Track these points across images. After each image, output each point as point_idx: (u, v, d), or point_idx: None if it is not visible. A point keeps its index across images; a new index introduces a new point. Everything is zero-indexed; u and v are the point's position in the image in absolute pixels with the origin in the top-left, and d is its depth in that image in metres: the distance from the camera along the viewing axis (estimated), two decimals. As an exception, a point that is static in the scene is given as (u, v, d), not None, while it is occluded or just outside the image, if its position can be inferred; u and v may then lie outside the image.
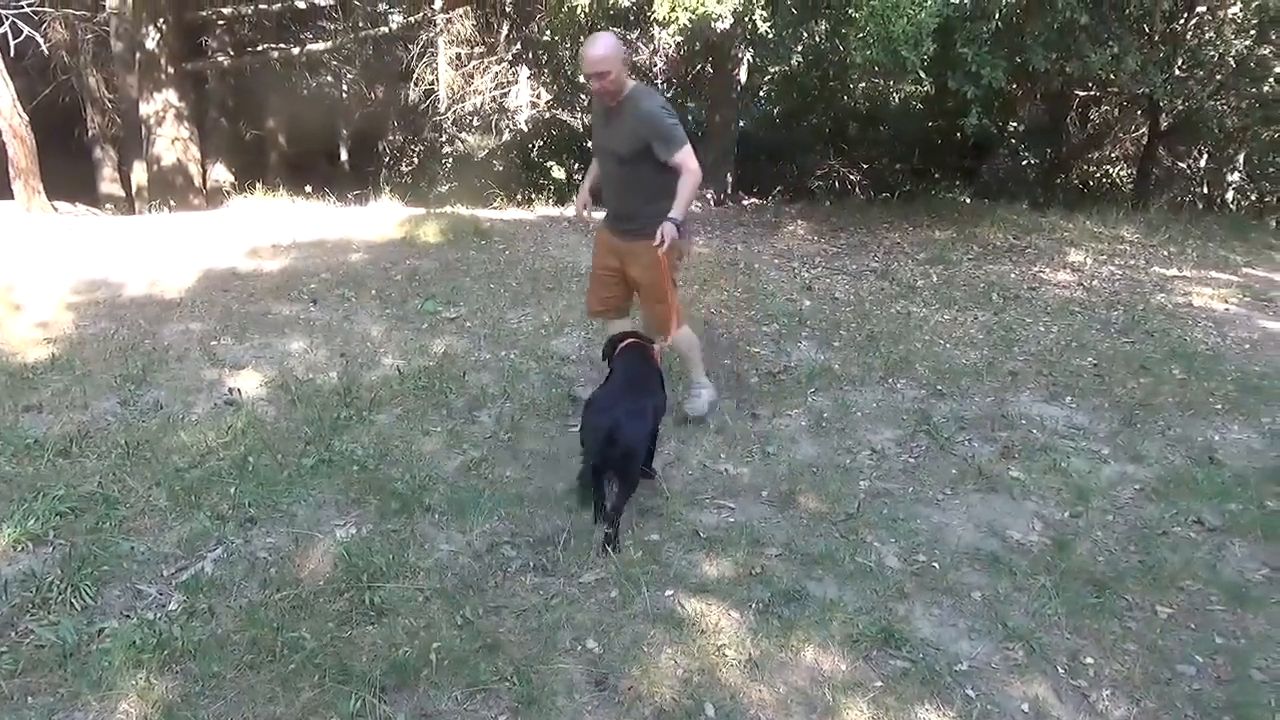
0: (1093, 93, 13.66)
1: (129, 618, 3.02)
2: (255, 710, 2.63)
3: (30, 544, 3.38)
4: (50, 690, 2.69)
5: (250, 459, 4.12)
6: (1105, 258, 8.59)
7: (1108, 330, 6.45)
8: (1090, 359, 5.83)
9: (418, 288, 6.70)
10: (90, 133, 14.24)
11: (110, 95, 13.84)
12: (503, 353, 5.58)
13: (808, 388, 5.24)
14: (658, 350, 4.16)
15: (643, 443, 3.73)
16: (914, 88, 13.79)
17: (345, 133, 17.40)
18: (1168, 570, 3.53)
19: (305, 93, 16.14)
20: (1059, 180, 14.60)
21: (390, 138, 17.02)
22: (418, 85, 13.53)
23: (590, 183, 4.69)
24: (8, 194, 10.02)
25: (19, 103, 9.75)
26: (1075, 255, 8.59)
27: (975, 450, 4.53)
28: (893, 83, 13.81)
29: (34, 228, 8.71)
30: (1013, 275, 7.89)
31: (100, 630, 2.94)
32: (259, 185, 11.73)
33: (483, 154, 15.77)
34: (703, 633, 3.05)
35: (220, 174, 14.06)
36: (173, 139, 12.64)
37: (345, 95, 16.56)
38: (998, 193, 12.89)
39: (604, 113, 4.27)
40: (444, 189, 14.15)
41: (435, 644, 2.90)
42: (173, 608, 3.08)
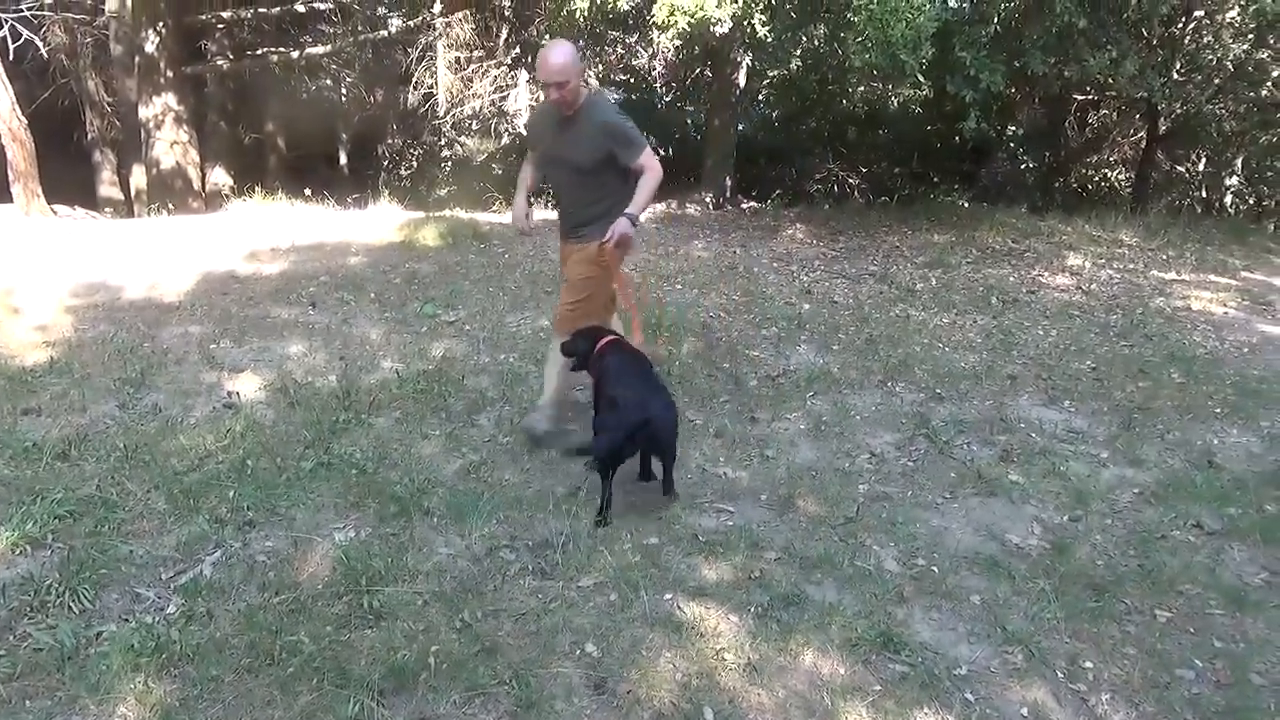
0: (1091, 97, 13.70)
1: (127, 621, 3.01)
2: (254, 714, 2.62)
3: (29, 547, 3.37)
4: (48, 694, 2.68)
5: (249, 462, 4.11)
6: (1104, 261, 8.60)
7: (1106, 334, 6.46)
8: (1089, 362, 5.84)
9: (417, 291, 6.70)
10: (89, 136, 14.25)
11: (109, 99, 13.86)
12: (502, 356, 5.58)
13: (806, 391, 5.25)
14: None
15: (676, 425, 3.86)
16: (913, 91, 13.83)
17: (344, 136, 17.41)
18: (1167, 574, 3.53)
19: (304, 96, 16.16)
20: (1057, 184, 14.64)
21: (389, 141, 17.04)
22: (417, 89, 13.54)
23: (526, 194, 4.50)
24: (7, 197, 10.03)
25: (18, 106, 9.76)
26: (1074, 259, 8.60)
27: (974, 454, 4.54)
28: (891, 86, 13.84)
29: (33, 231, 8.71)
30: (1012, 279, 7.90)
31: (98, 634, 2.93)
32: (258, 188, 11.73)
33: (482, 158, 15.77)
34: (702, 636, 3.04)
35: (219, 177, 14.06)
36: (172, 142, 12.64)
37: (344, 99, 16.57)
38: (996, 196, 12.92)
39: (556, 122, 4.15)
40: (443, 192, 14.15)
41: (434, 647, 2.89)
42: (171, 611, 3.08)
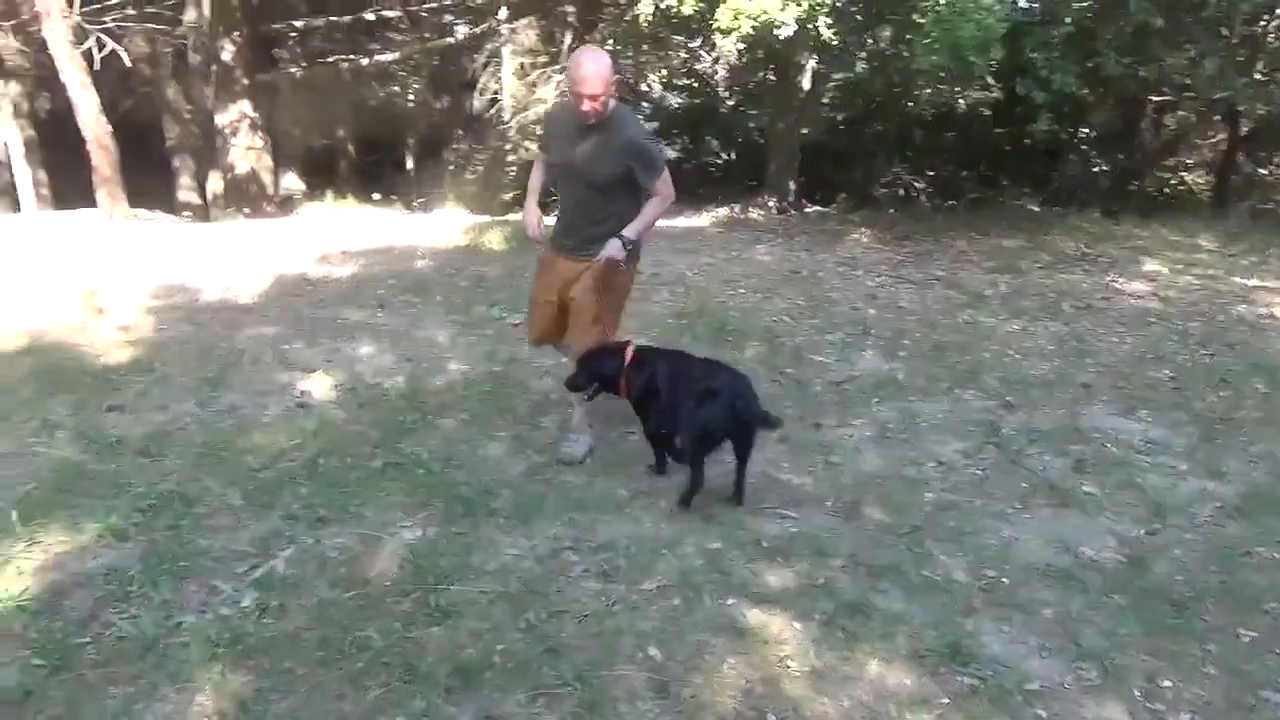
0: (1168, 97, 13.27)
1: (205, 613, 3.10)
2: (325, 707, 2.68)
3: (113, 539, 3.50)
4: (130, 681, 2.76)
5: (320, 461, 4.21)
6: (1182, 267, 8.34)
7: (1185, 342, 6.26)
8: (1167, 371, 5.67)
9: (482, 294, 6.79)
10: (169, 143, 14.72)
11: (188, 106, 14.30)
12: (565, 359, 5.60)
13: (872, 397, 5.19)
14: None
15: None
16: (981, 94, 13.56)
17: (411, 141, 17.71)
18: (1251, 592, 3.40)
19: (373, 103, 16.48)
20: (1133, 187, 14.20)
21: (455, 146, 17.28)
22: (482, 94, 13.72)
23: (538, 198, 4.29)
24: (92, 202, 10.40)
25: (103, 114, 10.12)
26: (1151, 264, 8.36)
27: (1046, 464, 4.43)
28: (959, 88, 13.60)
29: (116, 234, 9.04)
30: (1085, 285, 7.70)
31: (178, 624, 3.02)
32: (328, 193, 12.01)
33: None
34: (765, 643, 3.02)
35: (291, 182, 14.44)
36: (246, 148, 13.01)
37: (411, 104, 16.85)
38: (1068, 200, 12.57)
39: (576, 131, 3.97)
40: (508, 197, 14.30)
41: (499, 646, 2.92)
42: (246, 604, 3.15)
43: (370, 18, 14.16)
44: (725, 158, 16.34)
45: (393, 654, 2.88)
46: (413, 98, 16.76)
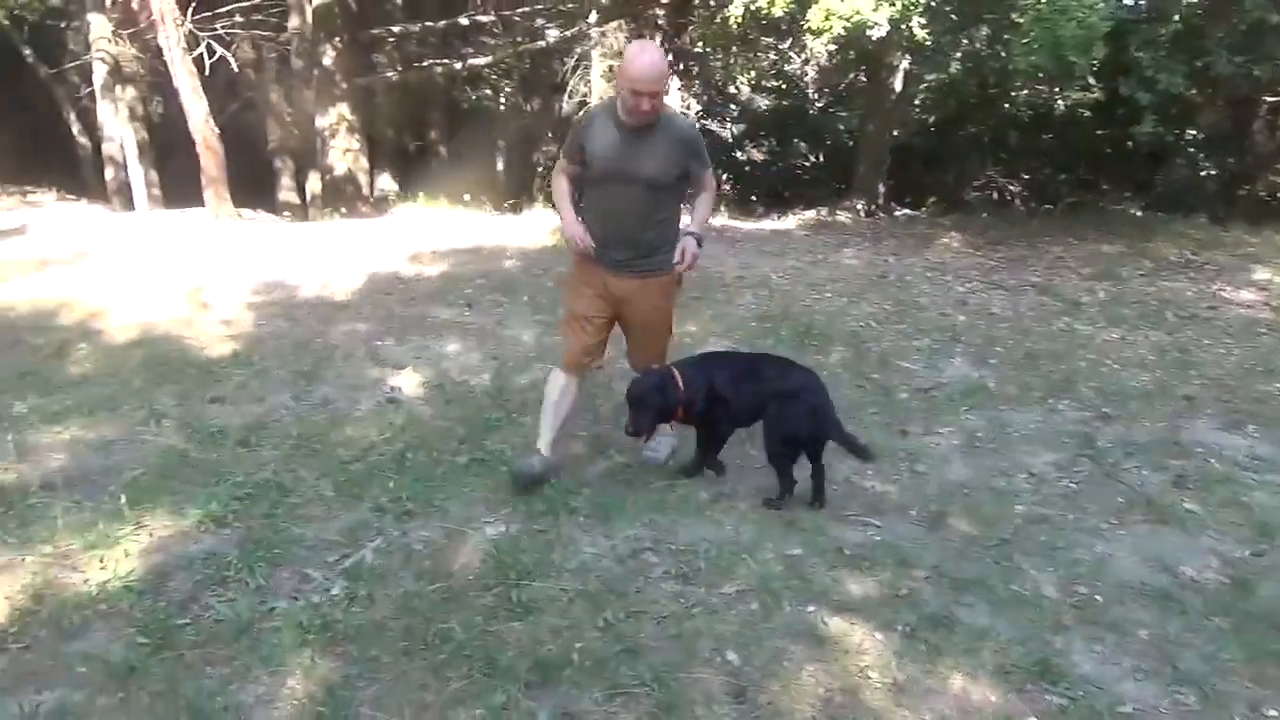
0: (1284, 97, 12.62)
1: (297, 599, 3.21)
2: (408, 696, 2.74)
3: (212, 525, 3.65)
4: (226, 662, 2.88)
5: (408, 455, 4.32)
6: (1296, 276, 7.92)
7: (1298, 354, 5.94)
8: (1278, 385, 5.39)
9: (567, 295, 6.86)
10: (270, 144, 15.27)
11: (289, 110, 14.82)
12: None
13: (960, 405, 5.07)
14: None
15: None
16: (1082, 94, 13.12)
17: (502, 144, 18.00)
18: (1366, 620, 3.22)
19: (465, 105, 16.81)
20: (1242, 192, 13.54)
21: (544, 148, 17.51)
22: (571, 97, 13.86)
23: (575, 210, 4.00)
24: (199, 201, 10.86)
25: (211, 117, 10.56)
26: (1262, 273, 7.95)
27: (1144, 479, 4.26)
28: (1059, 89, 13.18)
29: (221, 233, 9.43)
30: (1189, 293, 7.38)
31: (271, 610, 3.14)
32: (421, 194, 12.29)
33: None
34: (845, 652, 2.98)
35: (386, 183, 14.81)
36: (344, 150, 13.40)
37: (503, 107, 17.13)
38: (1173, 205, 12.06)
39: (624, 134, 3.73)
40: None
41: (578, 644, 2.95)
42: (336, 592, 3.26)
43: (464, 22, 14.44)
44: (813, 160, 16.18)
45: (474, 647, 2.93)
46: (503, 101, 17.04)
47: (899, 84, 11.96)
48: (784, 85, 16.41)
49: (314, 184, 14.22)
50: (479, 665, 2.85)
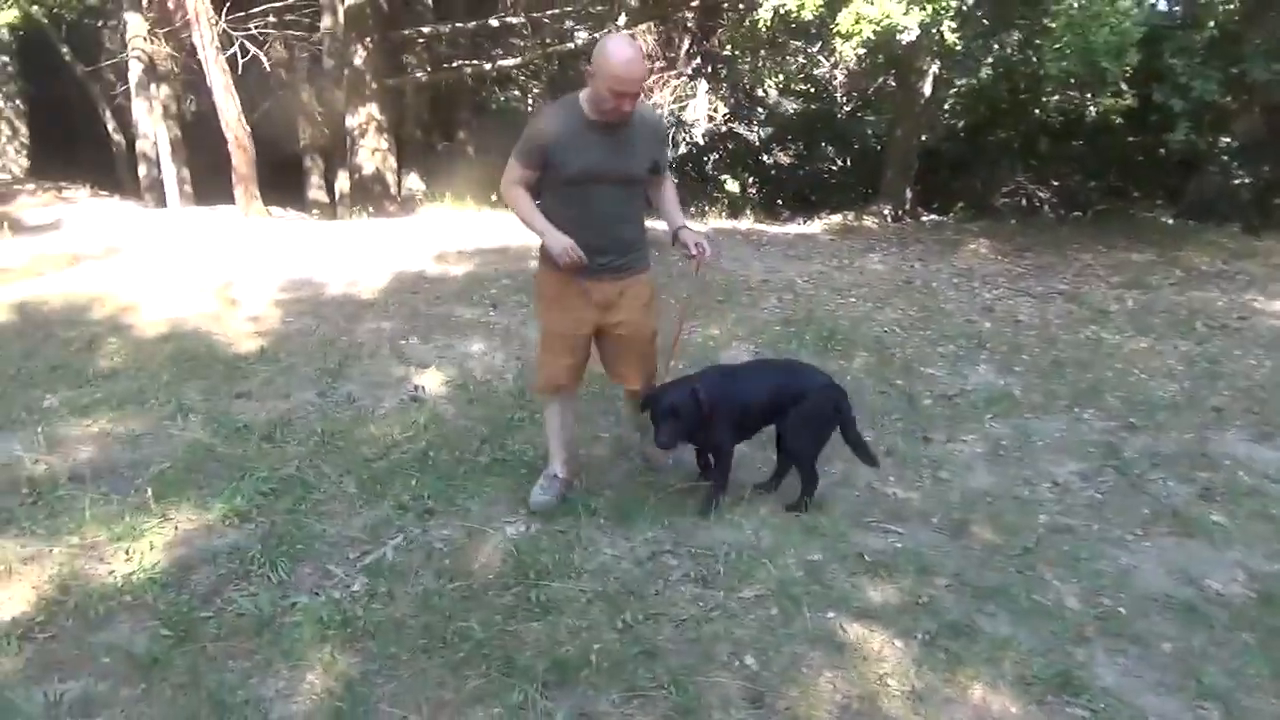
0: (1323, 106, 12.41)
1: (318, 595, 3.24)
2: (426, 693, 2.76)
3: (236, 519, 3.69)
4: (247, 656, 2.92)
5: (431, 454, 4.35)
6: (1331, 287, 7.79)
7: (1332, 367, 5.84)
8: (1310, 398, 5.30)
9: (591, 296, 6.87)
10: (301, 143, 15.39)
11: (319, 109, 14.94)
12: (670, 363, 5.62)
13: (985, 413, 5.03)
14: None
15: None
16: (1114, 101, 12.99)
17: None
18: (1397, 638, 3.16)
19: (494, 106, 16.89)
20: (1278, 201, 13.35)
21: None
22: (599, 98, 13.89)
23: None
24: (229, 198, 10.98)
25: (243, 116, 10.67)
26: (1295, 284, 7.84)
27: (1171, 490, 4.21)
28: (1090, 95, 13.06)
29: (250, 230, 9.53)
30: (1220, 303, 7.28)
31: (293, 604, 3.17)
32: (448, 194, 12.35)
33: (659, 166, 15.90)
34: (864, 659, 2.97)
35: (413, 183, 14.89)
36: (373, 149, 13.49)
37: (531, 108, 17.19)
38: (1205, 214, 11.90)
39: (597, 134, 3.49)
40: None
41: (596, 645, 2.95)
42: (356, 589, 3.28)
43: (494, 24, 14.51)
44: (840, 164, 16.13)
45: (492, 645, 2.94)
46: (532, 101, 17.10)
47: (928, 88, 11.89)
48: (812, 89, 16.37)
49: (343, 183, 14.31)
50: (497, 664, 2.86)
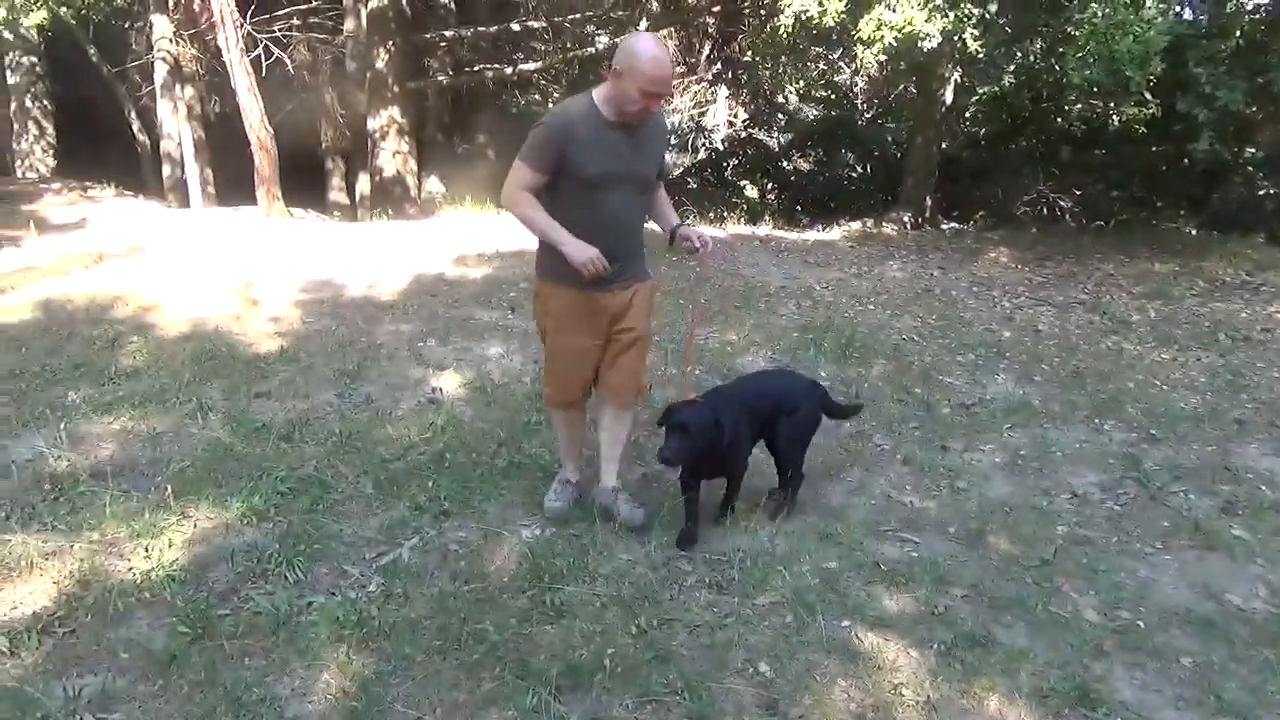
0: (1350, 116, 12.28)
1: (334, 595, 3.26)
2: (440, 695, 2.77)
3: (254, 518, 3.72)
4: (264, 654, 2.93)
5: (448, 456, 4.36)
6: (1358, 300, 7.69)
7: (1357, 381, 5.77)
8: (1334, 412, 5.24)
9: (609, 300, 6.88)
10: (323, 145, 15.50)
11: (341, 111, 15.04)
12: (688, 369, 5.62)
13: (1003, 422, 5.00)
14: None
15: None
16: (1137, 110, 12.90)
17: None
18: None
19: (514, 110, 16.93)
20: (1304, 212, 13.21)
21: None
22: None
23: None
24: (251, 199, 11.06)
25: (266, 118, 10.76)
26: (1321, 296, 7.75)
27: (1191, 503, 4.17)
28: (1114, 104, 12.98)
29: (272, 231, 9.60)
30: (1244, 314, 7.21)
31: (309, 604, 3.18)
32: (468, 197, 12.40)
33: (678, 171, 16.00)
34: (879, 669, 2.95)
35: (434, 185, 14.95)
36: (394, 152, 13.57)
37: (550, 112, 17.20)
38: (1229, 224, 11.80)
39: (616, 135, 3.33)
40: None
41: (610, 650, 2.95)
42: (372, 589, 3.30)
43: (515, 28, 14.57)
44: (860, 171, 16.10)
45: (507, 648, 2.95)
46: (552, 106, 17.13)
47: (949, 96, 11.85)
48: (832, 95, 16.34)
49: (363, 185, 14.40)
50: (511, 667, 2.87)
